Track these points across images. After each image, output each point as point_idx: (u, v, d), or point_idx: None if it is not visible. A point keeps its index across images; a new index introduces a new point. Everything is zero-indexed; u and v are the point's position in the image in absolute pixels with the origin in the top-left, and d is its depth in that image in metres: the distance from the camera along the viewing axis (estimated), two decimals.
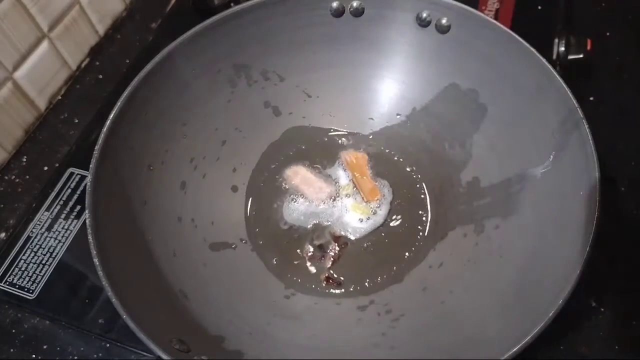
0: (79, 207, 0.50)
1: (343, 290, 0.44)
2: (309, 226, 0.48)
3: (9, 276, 0.47)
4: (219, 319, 0.41)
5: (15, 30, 0.51)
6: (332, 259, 0.46)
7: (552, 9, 0.60)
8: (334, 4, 0.47)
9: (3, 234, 0.50)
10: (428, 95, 0.49)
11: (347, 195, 0.49)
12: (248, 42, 0.47)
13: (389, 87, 0.51)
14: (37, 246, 0.48)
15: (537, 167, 0.42)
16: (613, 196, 0.50)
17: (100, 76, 0.61)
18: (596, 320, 0.44)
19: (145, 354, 0.43)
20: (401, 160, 0.50)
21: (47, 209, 0.50)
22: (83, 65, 0.61)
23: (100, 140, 0.40)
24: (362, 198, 0.48)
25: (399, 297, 0.44)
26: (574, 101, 0.40)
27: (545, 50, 0.45)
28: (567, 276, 0.34)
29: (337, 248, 0.46)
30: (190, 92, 0.46)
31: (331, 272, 0.45)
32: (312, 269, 0.46)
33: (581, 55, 0.54)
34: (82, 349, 0.44)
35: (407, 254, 0.46)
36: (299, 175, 0.50)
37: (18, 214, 0.51)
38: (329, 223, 0.48)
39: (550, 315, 0.33)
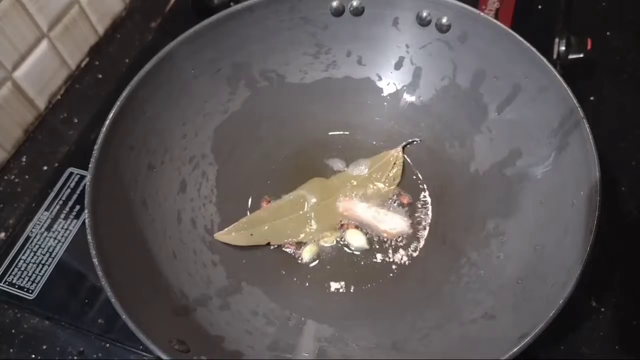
0: (78, 206, 0.50)
1: (343, 289, 0.44)
2: None
3: (9, 276, 0.47)
4: (219, 319, 0.41)
5: (14, 29, 0.51)
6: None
7: (552, 8, 0.60)
8: (334, 3, 0.47)
9: (2, 234, 0.50)
10: (428, 95, 0.49)
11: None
12: (248, 41, 0.47)
13: (389, 87, 0.51)
14: (37, 246, 0.48)
15: (538, 167, 0.42)
16: (613, 196, 0.50)
17: (100, 76, 0.61)
18: (596, 320, 0.44)
19: (144, 354, 0.43)
20: None
21: (47, 209, 0.50)
22: (82, 64, 0.61)
23: (99, 140, 0.40)
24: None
25: (399, 297, 0.44)
26: (575, 101, 0.40)
27: (545, 49, 0.45)
28: (567, 276, 0.34)
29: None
30: (190, 92, 0.46)
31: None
32: (312, 268, 0.45)
33: (582, 55, 0.54)
34: (81, 349, 0.44)
35: (406, 253, 0.46)
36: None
37: (17, 214, 0.51)
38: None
39: (550, 315, 0.33)
